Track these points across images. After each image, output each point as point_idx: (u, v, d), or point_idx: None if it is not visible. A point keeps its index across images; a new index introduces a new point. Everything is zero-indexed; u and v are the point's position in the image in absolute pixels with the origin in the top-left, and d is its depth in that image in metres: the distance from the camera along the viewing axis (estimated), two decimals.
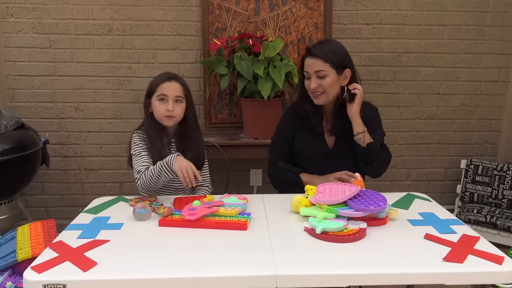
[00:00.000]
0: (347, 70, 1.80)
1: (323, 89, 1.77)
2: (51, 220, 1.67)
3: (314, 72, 1.76)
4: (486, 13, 2.89)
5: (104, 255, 1.23)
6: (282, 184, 1.95)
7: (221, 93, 2.85)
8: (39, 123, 2.86)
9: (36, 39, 2.77)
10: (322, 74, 1.75)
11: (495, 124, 3.07)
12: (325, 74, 1.75)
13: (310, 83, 1.78)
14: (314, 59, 1.76)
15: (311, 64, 1.77)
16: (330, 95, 1.79)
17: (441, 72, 2.96)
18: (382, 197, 1.46)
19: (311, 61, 1.77)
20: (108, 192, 2.95)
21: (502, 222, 2.60)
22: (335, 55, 1.77)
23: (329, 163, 1.85)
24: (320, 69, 1.75)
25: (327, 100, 1.80)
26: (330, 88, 1.77)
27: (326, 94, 1.78)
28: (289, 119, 1.94)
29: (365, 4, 2.84)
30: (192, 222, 1.42)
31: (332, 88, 1.78)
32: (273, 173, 1.97)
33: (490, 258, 1.20)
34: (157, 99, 1.83)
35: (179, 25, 2.80)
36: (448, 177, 3.13)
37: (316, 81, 1.76)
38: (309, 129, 1.88)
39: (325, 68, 1.75)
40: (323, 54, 1.75)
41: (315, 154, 1.88)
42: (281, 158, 1.94)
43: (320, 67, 1.75)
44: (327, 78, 1.76)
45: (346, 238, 1.30)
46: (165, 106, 1.83)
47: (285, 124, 1.96)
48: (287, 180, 1.90)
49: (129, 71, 2.84)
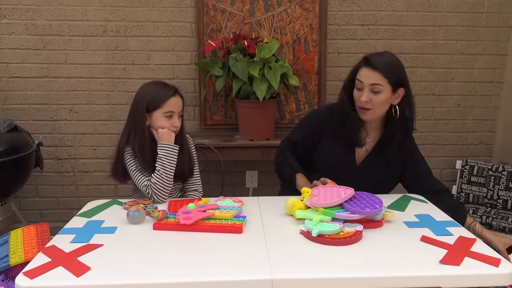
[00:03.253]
0: (401, 89, 1.67)
1: (372, 105, 1.64)
2: (45, 223, 1.65)
3: (369, 84, 1.63)
4: (481, 14, 2.89)
5: (98, 259, 1.22)
6: (278, 174, 1.90)
7: (216, 94, 2.84)
8: (33, 125, 2.83)
9: (30, 40, 2.75)
10: (377, 89, 1.62)
11: (490, 124, 3.07)
12: (380, 89, 1.62)
13: (361, 95, 1.65)
14: (373, 71, 1.62)
15: (367, 75, 1.63)
16: (377, 113, 1.68)
17: (436, 73, 2.97)
18: (378, 199, 1.46)
19: (368, 72, 1.63)
20: (103, 194, 2.93)
21: (497, 222, 2.60)
22: (395, 70, 1.65)
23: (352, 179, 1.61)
24: (377, 83, 1.62)
25: (373, 117, 1.69)
26: (381, 105, 1.65)
27: (374, 111, 1.66)
28: (318, 121, 1.81)
29: (360, 5, 2.84)
30: (187, 226, 1.41)
31: (382, 106, 1.66)
32: (277, 160, 1.91)
33: (486, 261, 1.20)
34: (164, 116, 1.76)
35: (174, 26, 2.79)
36: (444, 177, 3.13)
37: (368, 95, 1.63)
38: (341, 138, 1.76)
39: (382, 83, 1.62)
40: (384, 68, 1.62)
41: (339, 165, 1.76)
42: (289, 149, 1.87)
43: (377, 81, 1.62)
44: (381, 94, 1.63)
45: (342, 241, 1.30)
46: (171, 122, 1.77)
47: (311, 123, 1.83)
48: (284, 173, 1.84)
49: (124, 72, 2.83)
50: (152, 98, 1.77)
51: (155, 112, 1.76)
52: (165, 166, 1.72)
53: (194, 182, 1.95)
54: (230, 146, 2.62)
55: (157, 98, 1.76)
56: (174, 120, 1.78)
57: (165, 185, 1.71)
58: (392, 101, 1.68)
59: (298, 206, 1.49)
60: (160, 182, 1.70)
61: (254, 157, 2.60)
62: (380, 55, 1.70)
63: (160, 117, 1.76)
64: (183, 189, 1.97)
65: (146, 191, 1.73)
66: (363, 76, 1.65)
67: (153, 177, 1.72)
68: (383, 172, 1.78)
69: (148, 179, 1.74)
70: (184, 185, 1.96)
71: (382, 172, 1.77)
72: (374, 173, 1.76)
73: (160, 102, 1.76)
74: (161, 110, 1.76)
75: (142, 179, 1.75)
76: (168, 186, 1.72)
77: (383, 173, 1.78)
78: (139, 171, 1.77)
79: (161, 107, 1.76)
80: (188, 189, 1.95)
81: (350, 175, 1.72)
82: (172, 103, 1.77)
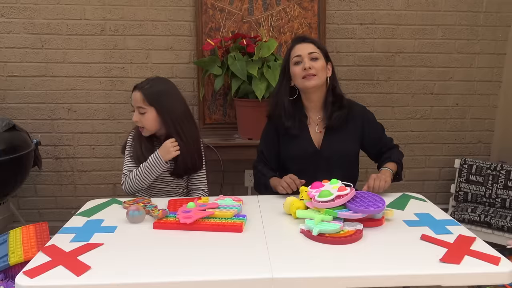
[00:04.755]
0: (330, 63, 1.87)
1: (316, 71, 1.79)
2: (44, 223, 1.65)
3: (307, 54, 1.80)
4: (479, 13, 2.90)
5: (98, 259, 1.22)
6: (256, 186, 1.99)
7: (215, 93, 2.84)
8: (31, 124, 2.83)
9: (28, 39, 2.74)
10: (315, 55, 1.80)
11: (488, 123, 3.08)
12: (317, 56, 1.80)
13: (303, 67, 1.79)
14: (307, 44, 1.82)
15: (304, 47, 1.81)
16: (321, 78, 1.81)
17: (435, 72, 2.97)
18: (379, 198, 1.46)
19: (304, 45, 1.82)
20: (102, 194, 2.92)
21: (496, 221, 2.61)
22: (323, 46, 1.88)
23: (320, 163, 1.84)
24: (314, 51, 1.81)
25: (319, 82, 1.80)
26: (321, 70, 1.80)
27: (318, 76, 1.79)
28: (271, 126, 1.93)
29: (359, 4, 2.84)
30: (187, 225, 1.41)
31: (323, 72, 1.81)
32: (253, 176, 2.02)
33: (486, 259, 1.20)
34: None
35: (173, 25, 2.78)
36: (442, 176, 3.13)
37: (309, 62, 1.79)
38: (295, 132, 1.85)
39: (317, 51, 1.81)
40: (315, 40, 1.87)
41: (302, 155, 1.85)
42: (260, 162, 1.97)
43: (313, 49, 1.81)
44: (319, 61, 1.80)
45: (343, 239, 1.30)
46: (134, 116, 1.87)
47: (267, 131, 1.96)
48: (261, 183, 1.93)
49: (122, 71, 2.82)
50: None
51: None
52: (147, 172, 1.81)
53: (200, 182, 1.97)
54: (229, 145, 2.62)
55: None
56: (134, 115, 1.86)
57: (138, 184, 1.83)
58: (326, 72, 1.85)
59: (297, 205, 1.49)
60: (137, 179, 1.82)
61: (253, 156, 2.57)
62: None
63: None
64: (188, 187, 1.98)
65: (123, 175, 1.86)
66: (300, 49, 1.82)
67: (134, 172, 1.83)
68: (344, 144, 1.87)
69: (131, 170, 1.85)
70: (189, 184, 1.97)
71: (343, 144, 1.86)
72: (336, 147, 1.85)
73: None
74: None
75: (128, 164, 1.88)
76: (141, 187, 1.84)
77: (344, 145, 1.87)
78: (130, 157, 1.89)
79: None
80: (193, 188, 1.96)
81: (316, 158, 1.85)
82: (132, 97, 1.86)
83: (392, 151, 1.93)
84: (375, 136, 1.93)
